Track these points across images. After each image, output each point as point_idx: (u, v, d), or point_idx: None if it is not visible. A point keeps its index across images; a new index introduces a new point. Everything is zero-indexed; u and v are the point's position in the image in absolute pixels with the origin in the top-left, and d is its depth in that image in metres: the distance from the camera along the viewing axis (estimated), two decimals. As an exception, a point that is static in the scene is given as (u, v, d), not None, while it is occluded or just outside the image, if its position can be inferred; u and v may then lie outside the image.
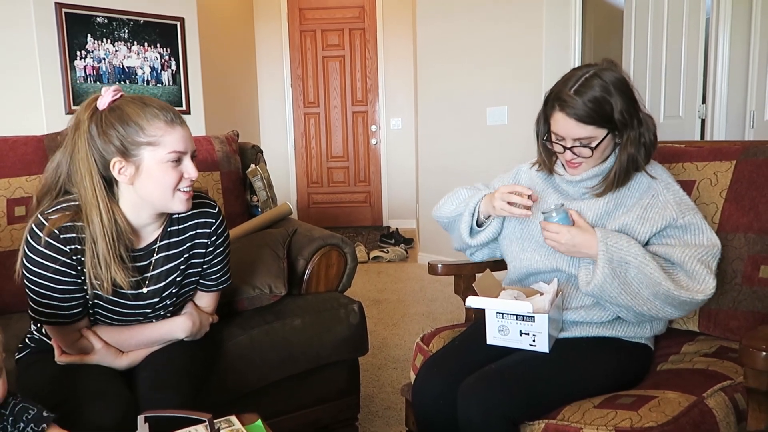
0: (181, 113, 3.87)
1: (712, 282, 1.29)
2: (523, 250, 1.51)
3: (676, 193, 1.38)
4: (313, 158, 6.47)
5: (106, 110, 1.24)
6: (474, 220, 1.57)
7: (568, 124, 1.35)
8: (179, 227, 1.40)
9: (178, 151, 1.26)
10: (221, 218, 1.46)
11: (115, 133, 1.22)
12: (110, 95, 1.25)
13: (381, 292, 3.99)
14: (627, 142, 1.36)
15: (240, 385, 1.64)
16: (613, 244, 1.30)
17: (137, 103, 1.26)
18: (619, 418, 1.13)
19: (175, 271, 1.40)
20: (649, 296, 1.29)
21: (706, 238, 1.34)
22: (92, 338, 1.33)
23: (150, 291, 1.37)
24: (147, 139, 1.23)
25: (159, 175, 1.25)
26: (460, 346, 1.48)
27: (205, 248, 1.44)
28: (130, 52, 3.86)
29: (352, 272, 2.05)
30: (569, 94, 1.34)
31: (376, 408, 2.29)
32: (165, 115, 1.25)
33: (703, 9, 3.29)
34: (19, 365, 1.39)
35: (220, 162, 2.27)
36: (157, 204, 1.30)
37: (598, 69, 1.35)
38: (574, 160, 1.40)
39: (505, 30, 4.04)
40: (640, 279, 1.28)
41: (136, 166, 1.24)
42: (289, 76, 6.30)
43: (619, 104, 1.33)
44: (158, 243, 1.37)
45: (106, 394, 1.23)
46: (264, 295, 1.79)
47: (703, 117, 3.37)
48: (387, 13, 6.15)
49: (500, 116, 4.14)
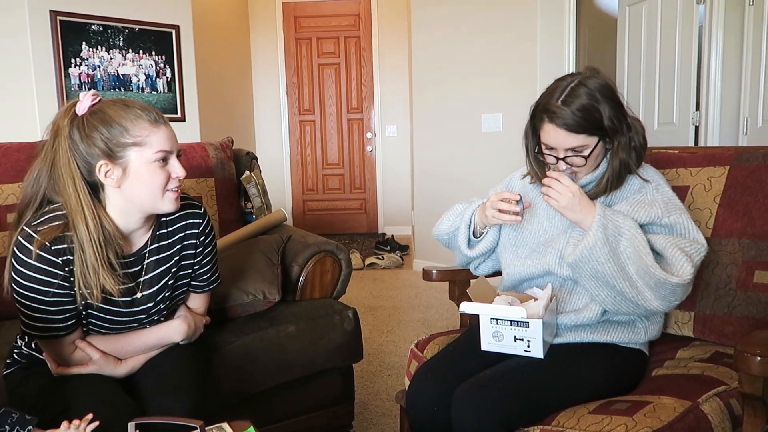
0: (176, 120, 3.84)
1: (690, 269, 1.28)
2: (516, 257, 1.51)
3: (665, 194, 1.39)
4: (309, 165, 6.47)
5: (87, 114, 1.23)
6: (470, 231, 1.57)
7: (559, 135, 1.35)
8: (168, 230, 1.39)
9: (165, 150, 1.25)
10: (207, 218, 1.46)
11: (99, 136, 1.20)
12: (89, 100, 1.24)
13: (376, 298, 3.98)
14: (618, 147, 1.37)
15: (234, 392, 1.63)
16: (611, 213, 1.31)
17: (119, 105, 1.24)
18: (614, 424, 1.12)
19: (167, 273, 1.38)
20: (633, 273, 1.28)
21: (692, 237, 1.34)
22: (88, 349, 1.31)
23: (144, 296, 1.35)
24: (133, 139, 1.21)
25: (147, 176, 1.24)
26: (455, 353, 1.48)
27: (195, 249, 1.43)
28: (125, 59, 3.86)
29: (346, 279, 2.05)
30: (557, 105, 1.34)
31: (371, 415, 2.28)
32: (148, 115, 1.24)
33: (696, 17, 3.31)
34: (8, 381, 1.35)
35: (215, 168, 2.27)
36: (146, 206, 1.28)
37: (582, 77, 1.36)
38: (567, 170, 1.40)
39: (500, 37, 4.06)
40: (629, 253, 1.28)
41: (123, 168, 1.23)
42: (284, 84, 6.31)
43: (608, 110, 1.33)
44: (148, 247, 1.36)
45: (111, 401, 1.21)
46: (258, 301, 1.78)
47: (696, 124, 3.39)
48: (382, 21, 6.18)
49: (495, 123, 4.15)
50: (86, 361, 1.31)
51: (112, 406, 1.19)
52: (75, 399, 1.21)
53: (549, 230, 1.48)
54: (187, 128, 4.14)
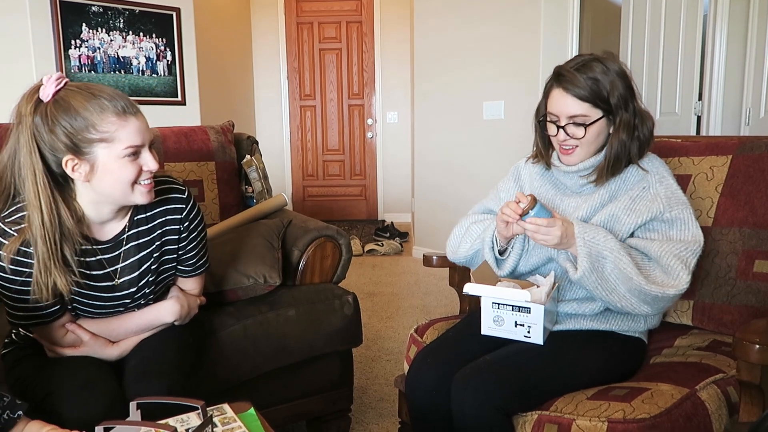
0: (177, 104, 3.78)
1: (686, 277, 1.28)
2: (522, 245, 1.49)
3: (669, 187, 1.38)
4: (309, 151, 6.46)
5: (51, 103, 1.15)
6: (496, 252, 1.47)
7: (566, 100, 1.35)
8: (147, 215, 1.34)
9: (135, 145, 1.19)
10: (192, 202, 1.40)
11: (62, 130, 1.14)
12: (53, 85, 1.16)
13: (375, 285, 3.99)
14: (620, 126, 1.36)
15: (233, 375, 1.64)
16: (591, 239, 1.29)
17: (84, 94, 1.16)
18: (612, 410, 1.13)
19: (149, 258, 1.36)
20: (625, 293, 1.28)
21: (690, 233, 1.34)
22: (79, 331, 1.31)
23: (125, 282, 1.34)
24: (99, 135, 1.15)
25: (117, 171, 1.18)
26: (455, 338, 1.48)
27: (178, 234, 1.39)
28: (126, 41, 3.83)
29: (346, 264, 2.05)
30: (569, 70, 1.35)
31: (369, 399, 2.29)
32: (115, 105, 1.16)
33: (700, 6, 3.29)
34: (5, 361, 1.36)
35: (216, 152, 2.26)
36: (117, 200, 1.24)
37: (601, 56, 1.37)
38: (566, 142, 1.39)
39: (503, 24, 4.03)
40: (617, 274, 1.28)
41: (91, 164, 1.17)
42: (285, 69, 6.28)
43: (618, 89, 1.34)
44: (126, 233, 1.32)
45: (92, 385, 1.21)
46: (258, 285, 1.78)
47: (699, 114, 3.38)
48: (384, 7, 6.13)
49: (497, 111, 4.13)
50: (79, 343, 1.32)
51: (92, 390, 1.20)
52: (59, 383, 1.22)
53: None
54: (188, 112, 4.13)
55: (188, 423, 1.03)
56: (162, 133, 2.17)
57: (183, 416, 1.06)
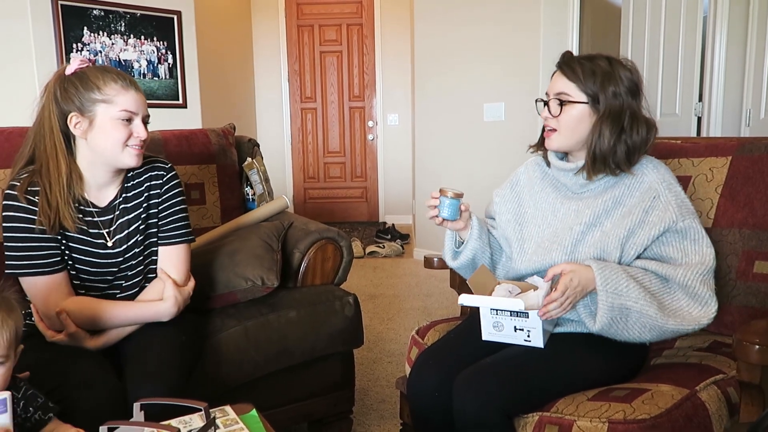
0: (178, 107, 3.82)
1: (714, 305, 1.28)
2: (522, 252, 1.48)
3: (678, 195, 1.34)
4: (310, 153, 6.46)
5: (72, 75, 1.38)
6: (453, 242, 1.57)
7: (557, 79, 1.39)
8: (134, 182, 1.51)
9: (129, 110, 1.38)
10: (173, 173, 1.55)
11: (75, 92, 1.36)
12: (77, 63, 1.39)
13: (376, 287, 3.99)
14: (603, 117, 1.34)
15: (234, 377, 1.64)
16: (612, 289, 1.25)
17: (99, 69, 1.40)
18: (613, 411, 1.13)
19: (137, 220, 1.49)
20: (646, 333, 1.28)
21: (705, 244, 1.31)
22: (67, 321, 1.36)
23: (116, 241, 1.47)
24: (102, 96, 1.36)
25: (110, 130, 1.38)
26: (456, 340, 1.48)
27: (159, 198, 1.52)
28: (127, 45, 3.85)
29: (348, 266, 2.05)
30: (573, 56, 1.40)
31: (371, 401, 2.29)
32: (123, 80, 1.39)
33: (700, 7, 3.29)
34: None
35: (217, 155, 2.26)
36: (108, 158, 1.41)
37: (615, 58, 1.39)
38: (547, 122, 1.41)
39: (503, 26, 4.04)
40: (643, 322, 1.26)
41: (90, 120, 1.37)
42: (286, 71, 6.29)
43: (613, 84, 1.34)
44: (118, 199, 1.49)
45: (95, 383, 1.24)
46: (256, 287, 1.78)
47: (699, 115, 3.38)
48: (385, 9, 6.14)
49: (497, 112, 4.14)
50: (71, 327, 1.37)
51: (92, 389, 1.22)
52: (68, 377, 1.24)
53: (554, 224, 1.45)
54: (189, 115, 4.13)
55: (191, 424, 1.04)
56: (163, 136, 2.17)
57: (185, 417, 1.06)
